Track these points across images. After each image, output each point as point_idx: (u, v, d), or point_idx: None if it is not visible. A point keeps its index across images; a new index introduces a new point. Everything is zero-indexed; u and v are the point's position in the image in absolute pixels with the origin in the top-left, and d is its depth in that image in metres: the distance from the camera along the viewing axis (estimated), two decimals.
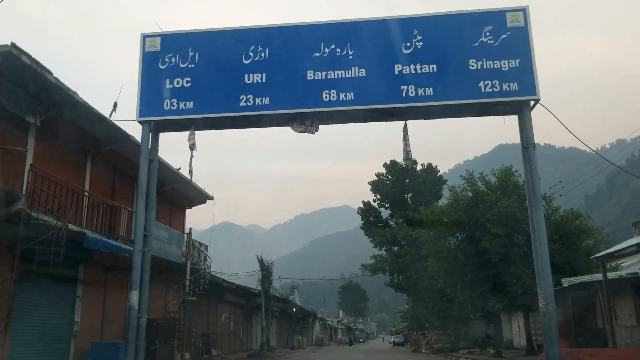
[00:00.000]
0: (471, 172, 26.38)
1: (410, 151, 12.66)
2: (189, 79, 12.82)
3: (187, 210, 22.59)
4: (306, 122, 12.76)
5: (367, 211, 54.79)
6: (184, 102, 12.68)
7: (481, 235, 22.82)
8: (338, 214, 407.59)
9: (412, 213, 45.16)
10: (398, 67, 12.35)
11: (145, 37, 13.26)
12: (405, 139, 12.70)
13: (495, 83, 12.07)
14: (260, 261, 35.85)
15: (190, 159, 12.84)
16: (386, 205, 54.62)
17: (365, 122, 13.34)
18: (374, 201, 54.40)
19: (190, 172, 12.89)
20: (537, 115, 12.46)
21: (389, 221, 53.17)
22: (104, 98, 14.13)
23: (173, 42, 13.19)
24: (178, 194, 20.49)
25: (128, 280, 12.27)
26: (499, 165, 26.60)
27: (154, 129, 13.09)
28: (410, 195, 54.28)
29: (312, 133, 12.78)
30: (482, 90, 12.02)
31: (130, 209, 14.15)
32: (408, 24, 12.74)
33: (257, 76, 12.64)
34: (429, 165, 55.62)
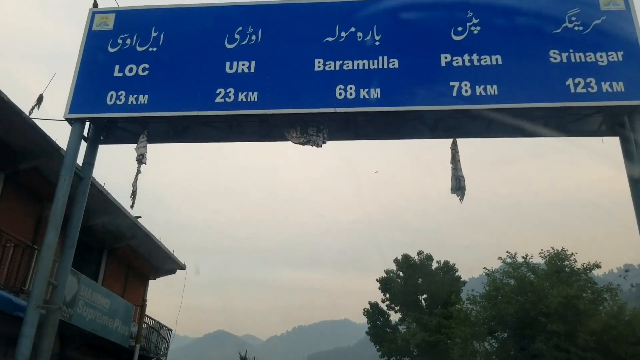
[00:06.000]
0: (513, 254, 22.27)
1: (463, 177, 9.01)
2: (146, 65, 9.71)
3: (151, 282, 18.39)
4: (310, 130, 9.32)
5: (373, 314, 49.28)
6: (135, 96, 9.44)
7: (533, 333, 18.33)
8: (338, 328, 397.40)
9: (427, 317, 40.31)
10: (446, 58, 9.22)
11: (94, 13, 10.52)
12: (455, 159, 9.12)
13: (591, 82, 8.81)
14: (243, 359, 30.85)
15: (136, 175, 9.22)
16: (396, 308, 49.21)
17: (395, 137, 9.81)
18: (383, 301, 49.11)
19: (134, 194, 9.14)
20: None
21: (399, 327, 47.65)
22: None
23: (132, 19, 10.45)
24: (137, 255, 16.43)
25: None
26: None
27: (92, 135, 9.82)
28: (424, 296, 49.25)
29: (318, 145, 9.29)
30: (572, 90, 8.80)
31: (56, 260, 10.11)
32: (459, 3, 9.61)
33: (244, 65, 9.54)
34: (446, 262, 50.89)
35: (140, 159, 9.24)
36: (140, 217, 14.78)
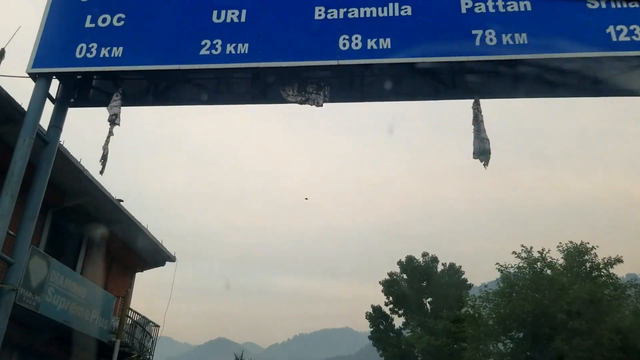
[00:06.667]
0: (529, 248, 21.09)
1: (487, 139, 7.83)
2: (122, 15, 8.61)
3: (150, 286, 17.19)
4: (309, 88, 8.12)
5: (376, 318, 47.84)
6: (108, 48, 8.31)
7: (552, 332, 17.12)
8: (340, 336, 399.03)
9: (432, 320, 39.12)
10: (467, 4, 8.16)
11: None
12: (478, 119, 7.96)
13: (635, 29, 7.83)
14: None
15: (108, 137, 8.09)
16: (400, 312, 47.81)
17: (407, 98, 8.70)
18: (386, 305, 47.68)
19: (104, 158, 8.03)
20: None
21: (403, 331, 46.22)
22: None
23: None
24: (121, 244, 15.24)
25: None
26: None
27: (61, 95, 8.79)
28: (429, 300, 47.86)
29: (319, 104, 8.16)
30: (613, 38, 7.58)
31: (12, 233, 8.95)
32: None
33: (233, 13, 8.42)
34: (452, 265, 49.45)
35: (113, 120, 8.15)
36: (122, 200, 13.63)
